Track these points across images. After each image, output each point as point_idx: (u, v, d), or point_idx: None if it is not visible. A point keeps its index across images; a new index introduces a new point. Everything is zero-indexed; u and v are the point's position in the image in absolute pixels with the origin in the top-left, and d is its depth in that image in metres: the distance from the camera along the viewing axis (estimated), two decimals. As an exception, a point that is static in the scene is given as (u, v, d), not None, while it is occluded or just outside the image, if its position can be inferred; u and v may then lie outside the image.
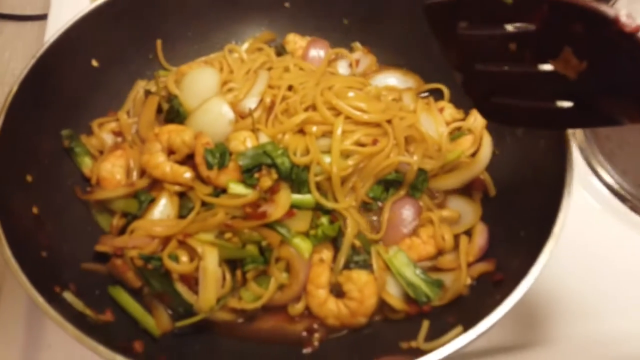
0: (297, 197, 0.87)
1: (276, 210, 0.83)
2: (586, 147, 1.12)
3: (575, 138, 1.14)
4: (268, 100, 1.00)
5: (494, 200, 0.94)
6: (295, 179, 0.88)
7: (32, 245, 0.78)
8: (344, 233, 0.88)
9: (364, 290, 0.82)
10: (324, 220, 0.87)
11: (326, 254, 0.87)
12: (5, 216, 0.74)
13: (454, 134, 1.01)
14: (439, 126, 1.00)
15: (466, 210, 0.93)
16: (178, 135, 0.93)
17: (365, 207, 0.93)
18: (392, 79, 1.11)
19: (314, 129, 0.93)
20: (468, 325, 0.65)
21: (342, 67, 1.14)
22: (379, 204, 0.94)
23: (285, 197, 0.85)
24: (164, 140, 0.94)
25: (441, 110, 1.04)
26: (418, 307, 0.84)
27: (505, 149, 0.97)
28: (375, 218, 0.94)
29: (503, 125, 0.91)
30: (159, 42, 1.11)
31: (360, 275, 0.84)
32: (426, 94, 1.10)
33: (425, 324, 0.79)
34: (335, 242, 0.89)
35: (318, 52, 1.13)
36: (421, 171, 0.93)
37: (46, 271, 0.76)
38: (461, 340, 0.63)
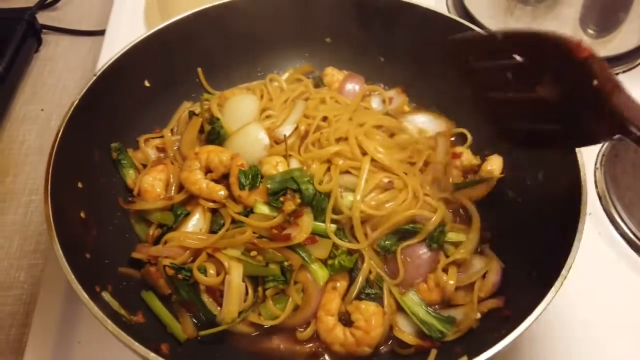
0: (317, 224, 0.92)
1: (299, 234, 0.89)
2: (606, 195, 1.15)
3: (597, 186, 1.18)
4: (302, 128, 1.07)
5: (510, 240, 0.98)
6: (316, 205, 0.93)
7: (78, 246, 0.85)
8: (360, 267, 0.93)
9: (370, 321, 0.87)
10: (343, 250, 0.92)
11: (341, 283, 0.92)
12: (58, 217, 0.81)
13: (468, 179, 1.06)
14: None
15: (477, 262, 0.96)
16: (216, 155, 1.01)
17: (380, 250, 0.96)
18: (423, 119, 1.16)
19: (340, 162, 0.99)
20: (472, 355, 0.70)
21: (375, 103, 1.20)
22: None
23: (308, 223, 0.91)
24: (203, 159, 1.01)
25: (459, 155, 1.09)
26: (431, 342, 0.88)
27: (525, 191, 1.01)
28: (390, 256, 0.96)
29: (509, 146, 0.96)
30: (199, 70, 1.19)
31: (368, 307, 0.89)
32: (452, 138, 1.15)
33: (433, 353, 0.83)
34: (351, 272, 0.93)
35: (353, 87, 1.19)
36: (440, 225, 0.96)
37: (89, 271, 0.83)
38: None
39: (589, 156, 1.22)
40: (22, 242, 1.27)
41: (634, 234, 1.09)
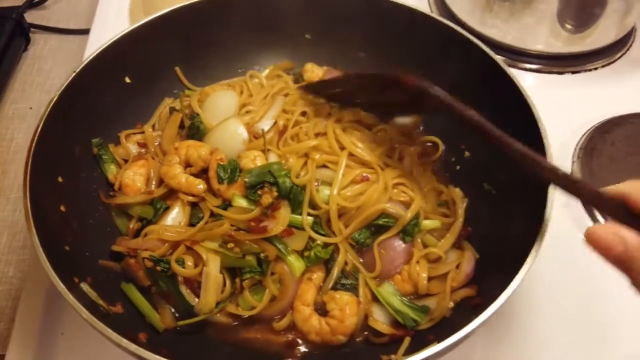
0: (293, 217, 0.94)
1: (276, 226, 0.91)
2: (582, 188, 1.17)
3: (572, 179, 1.19)
4: (281, 123, 1.09)
5: (485, 231, 1.00)
6: (293, 198, 0.95)
7: (57, 238, 0.87)
8: (336, 258, 0.95)
9: (345, 310, 0.89)
10: (319, 243, 0.94)
11: (317, 274, 0.94)
12: (37, 210, 0.83)
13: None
14: (431, 193, 1.06)
15: (451, 253, 0.99)
16: (195, 150, 1.02)
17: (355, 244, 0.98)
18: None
19: (317, 156, 1.01)
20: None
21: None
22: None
23: (285, 215, 0.92)
24: (183, 154, 1.03)
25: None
26: (405, 331, 0.90)
27: (500, 184, 1.03)
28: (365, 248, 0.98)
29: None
30: (177, 69, 1.21)
31: (342, 296, 0.90)
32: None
33: (407, 341, 0.85)
34: (327, 264, 0.95)
35: None
36: (413, 218, 0.97)
37: (68, 263, 0.85)
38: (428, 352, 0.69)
39: (567, 149, 1.25)
40: (10, 238, 1.29)
41: (609, 226, 1.11)
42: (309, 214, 0.96)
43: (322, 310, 0.93)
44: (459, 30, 1.09)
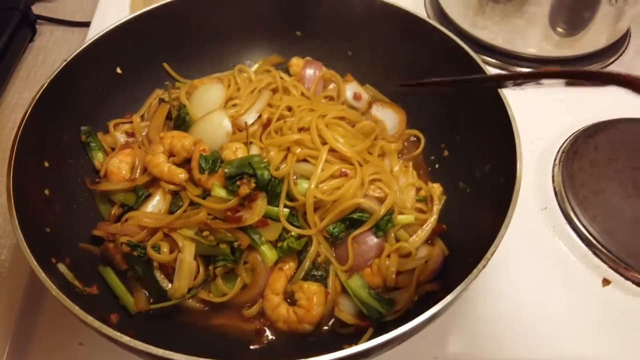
0: (270, 208, 0.96)
1: (251, 216, 0.93)
2: (562, 190, 1.17)
3: (554, 182, 1.20)
4: (265, 117, 1.12)
5: (457, 228, 1.02)
6: (271, 190, 0.97)
7: (38, 220, 0.90)
8: (308, 249, 0.97)
9: (312, 300, 0.91)
10: (292, 234, 0.97)
11: (289, 265, 0.97)
12: (19, 192, 0.86)
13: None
14: (410, 189, 1.09)
15: (422, 249, 1.01)
16: (179, 140, 1.05)
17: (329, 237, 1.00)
18: (380, 112, 1.21)
19: (298, 150, 1.03)
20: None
21: (349, 93, 1.23)
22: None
23: (261, 206, 0.95)
24: (167, 144, 1.06)
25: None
26: (369, 322, 0.92)
27: (474, 183, 1.04)
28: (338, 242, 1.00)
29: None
30: (165, 65, 1.24)
31: (310, 286, 0.93)
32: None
33: (369, 332, 0.87)
34: (299, 255, 0.98)
35: (313, 72, 1.23)
36: (387, 213, 0.99)
37: (47, 244, 0.88)
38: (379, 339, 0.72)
39: (550, 152, 1.25)
40: (5, 222, 1.33)
41: (585, 229, 1.11)
42: (285, 206, 0.98)
43: (291, 299, 0.95)
44: (445, 31, 1.11)
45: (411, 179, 1.11)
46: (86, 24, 1.73)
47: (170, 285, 0.94)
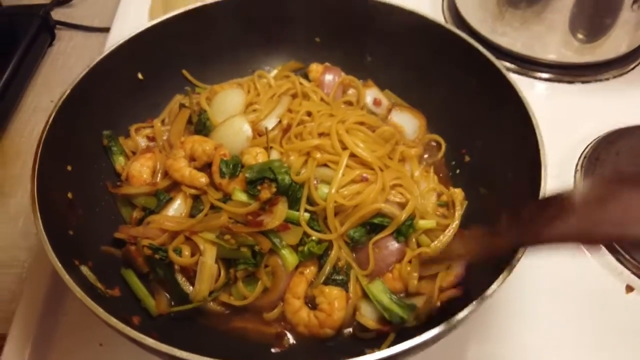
0: (291, 212, 0.96)
1: (272, 221, 0.93)
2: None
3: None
4: (285, 122, 1.12)
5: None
6: (291, 194, 0.97)
7: (62, 223, 0.91)
8: (329, 254, 0.97)
9: (333, 304, 0.91)
10: (313, 239, 0.96)
11: (310, 269, 0.96)
12: (43, 196, 0.87)
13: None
14: (431, 195, 1.08)
15: None
16: (200, 145, 1.06)
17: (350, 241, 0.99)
18: (399, 116, 1.20)
19: (318, 155, 1.03)
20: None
21: (369, 99, 1.24)
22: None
23: (282, 210, 0.95)
24: (188, 148, 1.07)
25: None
26: (390, 328, 0.92)
27: (496, 189, 1.04)
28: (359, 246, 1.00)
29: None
30: (185, 72, 1.25)
31: (332, 291, 0.93)
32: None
33: (391, 337, 0.87)
34: (320, 259, 0.98)
35: (333, 77, 1.24)
36: (408, 218, 0.98)
37: (70, 246, 0.89)
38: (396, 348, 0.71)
39: (572, 158, 1.25)
40: (26, 223, 1.34)
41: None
42: (306, 211, 0.98)
43: (312, 303, 0.95)
44: (465, 37, 1.11)
45: (432, 183, 1.10)
46: (105, 30, 1.75)
47: (191, 288, 0.94)
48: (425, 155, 1.19)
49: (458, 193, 1.08)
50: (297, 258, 0.95)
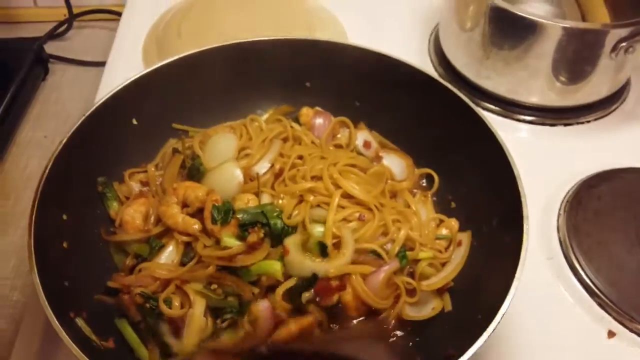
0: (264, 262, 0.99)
1: (247, 258, 0.97)
2: (567, 240, 1.20)
3: (559, 232, 1.23)
4: (277, 167, 1.15)
5: (464, 287, 1.04)
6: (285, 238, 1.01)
7: (58, 275, 0.92)
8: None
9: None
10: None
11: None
12: (39, 248, 0.88)
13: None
14: (430, 221, 1.12)
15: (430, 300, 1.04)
16: (193, 191, 1.07)
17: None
18: (388, 160, 1.24)
19: (312, 198, 1.07)
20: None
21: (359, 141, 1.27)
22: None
23: (261, 252, 0.99)
24: (181, 195, 1.08)
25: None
26: None
27: (482, 238, 1.07)
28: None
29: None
30: (176, 125, 1.28)
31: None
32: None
33: None
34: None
35: (324, 121, 1.27)
36: (403, 254, 1.03)
37: (65, 299, 0.89)
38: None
39: (555, 202, 1.28)
40: (18, 262, 1.35)
41: (590, 280, 1.13)
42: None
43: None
44: (448, 86, 1.14)
45: (431, 213, 1.15)
46: (99, 64, 1.77)
47: (175, 340, 0.96)
48: (415, 190, 1.21)
49: (454, 223, 1.12)
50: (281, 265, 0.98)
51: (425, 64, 1.42)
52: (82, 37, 1.95)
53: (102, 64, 1.75)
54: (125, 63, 1.59)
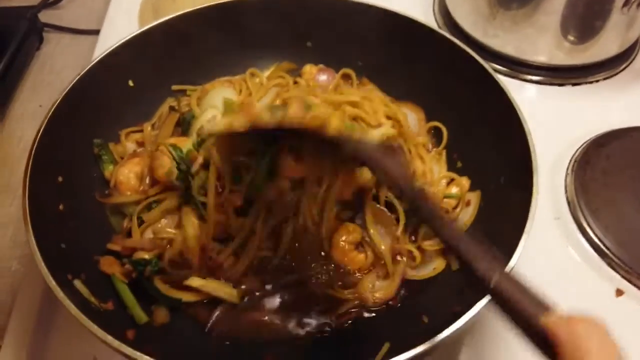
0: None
1: None
2: (575, 200, 1.17)
3: (567, 192, 1.20)
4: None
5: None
6: None
7: (53, 236, 0.90)
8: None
9: None
10: None
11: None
12: (34, 210, 0.86)
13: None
14: (441, 179, 1.10)
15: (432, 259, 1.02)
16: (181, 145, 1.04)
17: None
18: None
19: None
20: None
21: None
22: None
23: None
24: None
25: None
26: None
27: (489, 196, 1.04)
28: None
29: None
30: (175, 87, 1.25)
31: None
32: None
33: (386, 346, 0.87)
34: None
35: (327, 77, 1.24)
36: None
37: (62, 261, 0.87)
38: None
39: (563, 162, 1.25)
40: (15, 232, 1.33)
41: (599, 239, 1.11)
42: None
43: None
44: (457, 42, 1.11)
45: (443, 171, 1.12)
46: (94, 32, 1.72)
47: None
48: (429, 146, 1.19)
49: (465, 182, 1.09)
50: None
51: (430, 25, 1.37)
52: (76, 5, 1.89)
53: (96, 32, 1.70)
54: (121, 30, 1.53)
